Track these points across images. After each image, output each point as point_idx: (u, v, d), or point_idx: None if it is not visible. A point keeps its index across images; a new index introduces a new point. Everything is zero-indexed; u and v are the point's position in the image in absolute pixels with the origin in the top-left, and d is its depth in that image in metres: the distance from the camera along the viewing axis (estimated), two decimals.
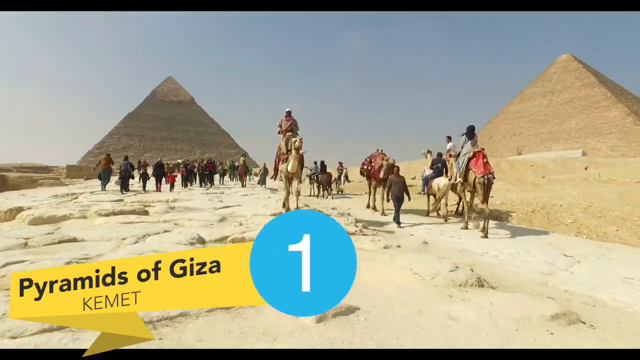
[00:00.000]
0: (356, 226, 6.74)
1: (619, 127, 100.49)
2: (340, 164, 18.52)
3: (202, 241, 5.16)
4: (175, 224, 6.72)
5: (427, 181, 10.01)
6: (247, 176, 21.85)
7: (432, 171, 9.95)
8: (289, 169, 7.14)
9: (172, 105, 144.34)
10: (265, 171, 19.87)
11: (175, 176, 16.59)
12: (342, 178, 17.94)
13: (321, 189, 15.63)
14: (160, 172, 15.11)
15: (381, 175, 10.01)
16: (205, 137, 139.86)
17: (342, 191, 17.95)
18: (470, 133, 7.89)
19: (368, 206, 11.59)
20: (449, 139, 10.38)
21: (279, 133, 7.99)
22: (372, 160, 11.02)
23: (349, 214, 8.20)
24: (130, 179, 14.25)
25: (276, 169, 8.36)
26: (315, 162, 16.89)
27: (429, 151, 11.88)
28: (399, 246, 5.50)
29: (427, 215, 10.04)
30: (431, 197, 10.05)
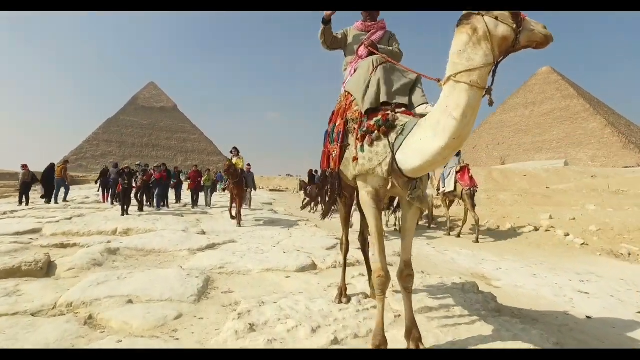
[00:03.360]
0: None
1: (598, 138, 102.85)
2: None
3: None
4: (90, 319, 2.77)
5: None
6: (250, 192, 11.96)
7: None
8: (403, 163, 2.04)
9: (154, 111, 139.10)
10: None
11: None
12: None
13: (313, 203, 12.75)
14: (106, 180, 11.24)
15: None
16: (188, 144, 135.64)
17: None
18: None
19: None
20: None
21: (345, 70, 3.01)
22: None
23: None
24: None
25: (326, 178, 2.84)
26: (316, 172, 14.43)
27: None
28: None
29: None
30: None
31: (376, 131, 2.14)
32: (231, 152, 9.85)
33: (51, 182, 11.81)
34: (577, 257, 7.20)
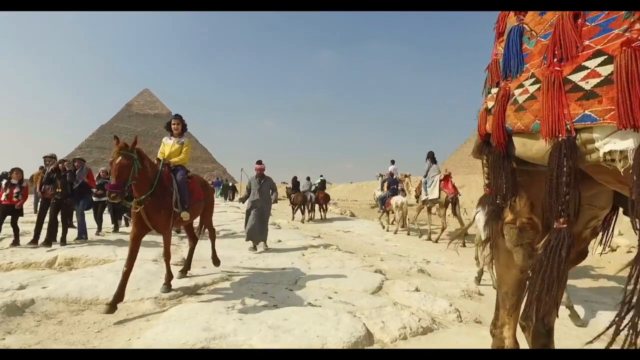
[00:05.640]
0: None
1: None
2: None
3: None
4: None
5: (384, 200, 10.25)
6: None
7: (387, 191, 10.38)
8: None
9: (148, 118, 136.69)
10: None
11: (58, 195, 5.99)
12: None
13: (306, 210, 12.38)
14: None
15: None
16: None
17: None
18: (433, 158, 8.72)
19: None
20: (392, 162, 11.71)
21: None
22: None
23: None
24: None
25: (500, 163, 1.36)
26: (308, 178, 13.54)
27: (380, 175, 12.91)
28: None
29: (384, 228, 10.00)
30: (390, 214, 10.27)
31: None
32: (172, 123, 4.47)
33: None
34: None
